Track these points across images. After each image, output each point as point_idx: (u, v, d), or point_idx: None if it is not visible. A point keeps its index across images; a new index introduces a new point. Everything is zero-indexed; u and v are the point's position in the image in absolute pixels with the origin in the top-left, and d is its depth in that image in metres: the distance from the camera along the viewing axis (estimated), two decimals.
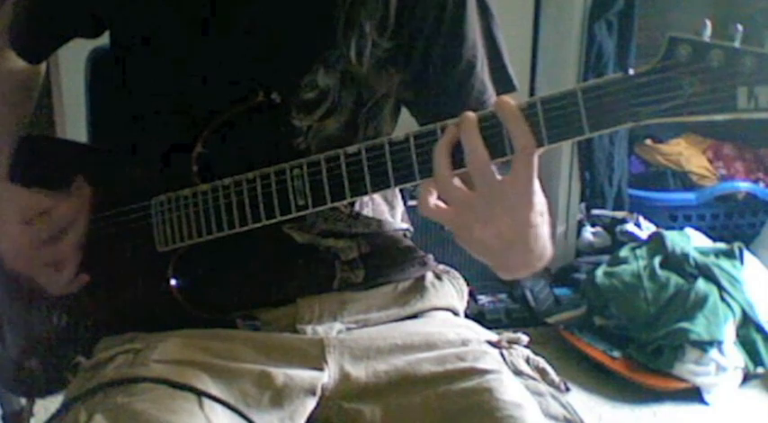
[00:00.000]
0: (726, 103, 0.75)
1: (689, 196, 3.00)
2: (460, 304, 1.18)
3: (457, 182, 0.84)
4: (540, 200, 0.84)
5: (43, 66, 1.24)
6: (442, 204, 0.86)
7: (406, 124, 1.04)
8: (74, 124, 2.24)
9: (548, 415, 0.97)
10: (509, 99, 0.82)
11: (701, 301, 2.36)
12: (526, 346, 1.07)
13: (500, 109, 0.82)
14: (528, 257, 0.89)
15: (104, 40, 1.15)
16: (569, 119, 0.79)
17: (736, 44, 0.75)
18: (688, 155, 3.10)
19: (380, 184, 0.88)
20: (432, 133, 0.85)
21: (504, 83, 1.09)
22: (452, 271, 1.19)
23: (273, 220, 0.95)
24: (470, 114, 0.83)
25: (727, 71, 0.75)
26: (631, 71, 0.78)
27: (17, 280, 1.11)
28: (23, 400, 1.39)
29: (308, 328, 1.05)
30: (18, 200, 1.07)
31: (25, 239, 1.04)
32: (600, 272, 2.56)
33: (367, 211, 1.13)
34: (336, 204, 0.91)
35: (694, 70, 0.76)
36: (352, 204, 1.10)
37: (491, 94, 1.07)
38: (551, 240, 0.91)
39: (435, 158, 0.84)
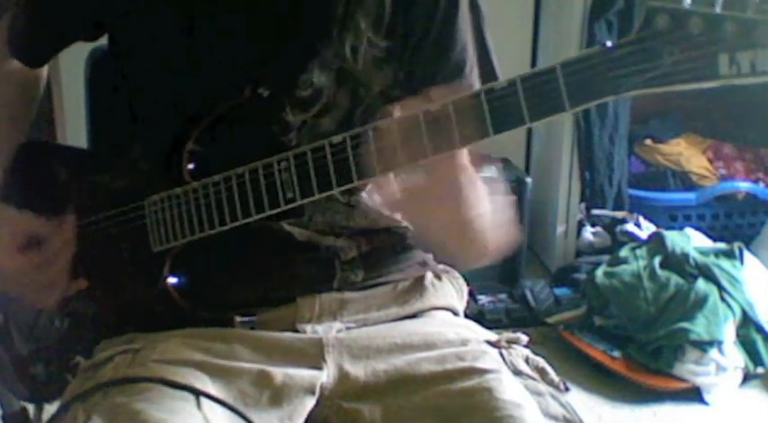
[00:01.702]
0: (707, 70, 0.74)
1: (689, 196, 3.00)
2: (460, 304, 1.18)
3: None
4: (474, 195, 0.89)
5: (44, 72, 1.24)
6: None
7: None
8: (74, 124, 2.24)
9: (547, 415, 0.96)
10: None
11: (701, 301, 2.36)
12: (526, 346, 1.07)
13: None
14: (470, 250, 0.96)
15: (104, 40, 1.15)
16: (549, 95, 0.79)
17: (717, 10, 0.73)
18: (688, 155, 3.10)
19: (366, 173, 0.89)
20: (415, 118, 0.85)
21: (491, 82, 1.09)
22: (452, 271, 1.19)
23: (263, 215, 0.95)
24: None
25: (708, 38, 0.73)
26: (609, 43, 0.78)
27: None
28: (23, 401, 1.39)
29: (308, 328, 1.05)
30: (8, 224, 1.06)
31: (15, 266, 1.05)
32: (600, 272, 2.56)
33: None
34: (324, 195, 0.91)
35: (674, 39, 0.74)
36: (350, 194, 1.09)
37: None
38: (511, 230, 0.97)
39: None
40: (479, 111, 0.82)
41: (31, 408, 1.36)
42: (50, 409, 1.17)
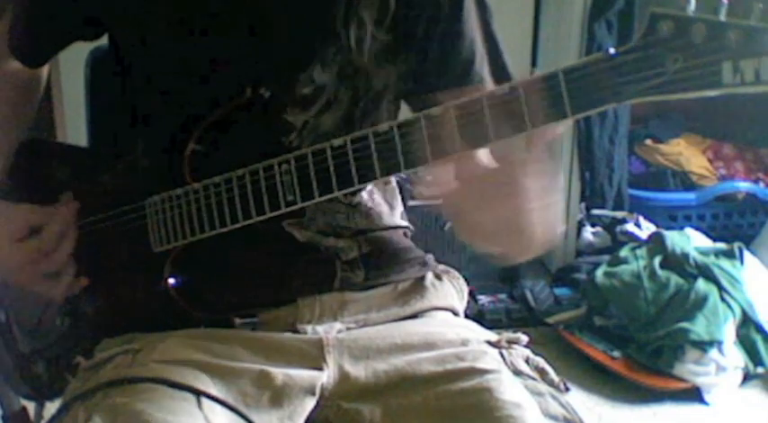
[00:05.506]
0: (710, 78, 0.73)
1: (689, 196, 3.00)
2: (460, 304, 1.18)
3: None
4: (535, 185, 0.85)
5: (45, 71, 1.24)
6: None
7: None
8: (74, 124, 2.24)
9: (547, 415, 0.96)
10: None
11: (701, 301, 2.36)
12: (526, 346, 1.07)
13: None
14: (527, 239, 0.91)
15: (104, 39, 1.15)
16: (551, 101, 0.78)
17: (721, 17, 0.73)
18: (688, 155, 3.10)
19: (367, 176, 0.88)
20: (416, 122, 0.85)
21: (501, 75, 1.09)
22: (452, 271, 1.19)
23: (264, 217, 0.95)
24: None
25: (711, 46, 0.72)
26: (612, 50, 0.77)
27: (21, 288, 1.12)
28: (23, 400, 1.39)
29: (308, 328, 1.05)
30: (7, 217, 1.07)
31: (17, 257, 1.06)
32: (600, 272, 2.56)
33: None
34: (324, 198, 0.91)
35: (677, 46, 0.74)
36: (352, 195, 1.09)
37: (490, 87, 1.07)
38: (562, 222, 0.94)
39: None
40: (480, 116, 0.81)
41: (31, 407, 1.36)
42: (51, 407, 1.17)
